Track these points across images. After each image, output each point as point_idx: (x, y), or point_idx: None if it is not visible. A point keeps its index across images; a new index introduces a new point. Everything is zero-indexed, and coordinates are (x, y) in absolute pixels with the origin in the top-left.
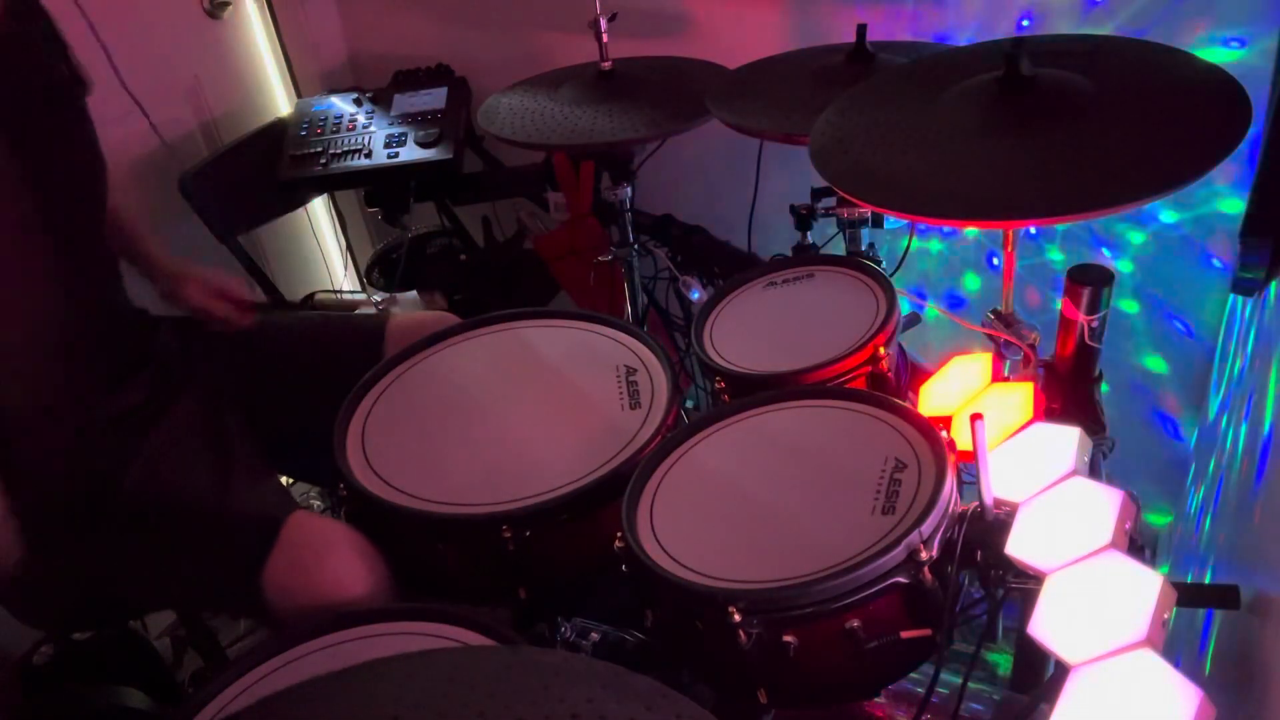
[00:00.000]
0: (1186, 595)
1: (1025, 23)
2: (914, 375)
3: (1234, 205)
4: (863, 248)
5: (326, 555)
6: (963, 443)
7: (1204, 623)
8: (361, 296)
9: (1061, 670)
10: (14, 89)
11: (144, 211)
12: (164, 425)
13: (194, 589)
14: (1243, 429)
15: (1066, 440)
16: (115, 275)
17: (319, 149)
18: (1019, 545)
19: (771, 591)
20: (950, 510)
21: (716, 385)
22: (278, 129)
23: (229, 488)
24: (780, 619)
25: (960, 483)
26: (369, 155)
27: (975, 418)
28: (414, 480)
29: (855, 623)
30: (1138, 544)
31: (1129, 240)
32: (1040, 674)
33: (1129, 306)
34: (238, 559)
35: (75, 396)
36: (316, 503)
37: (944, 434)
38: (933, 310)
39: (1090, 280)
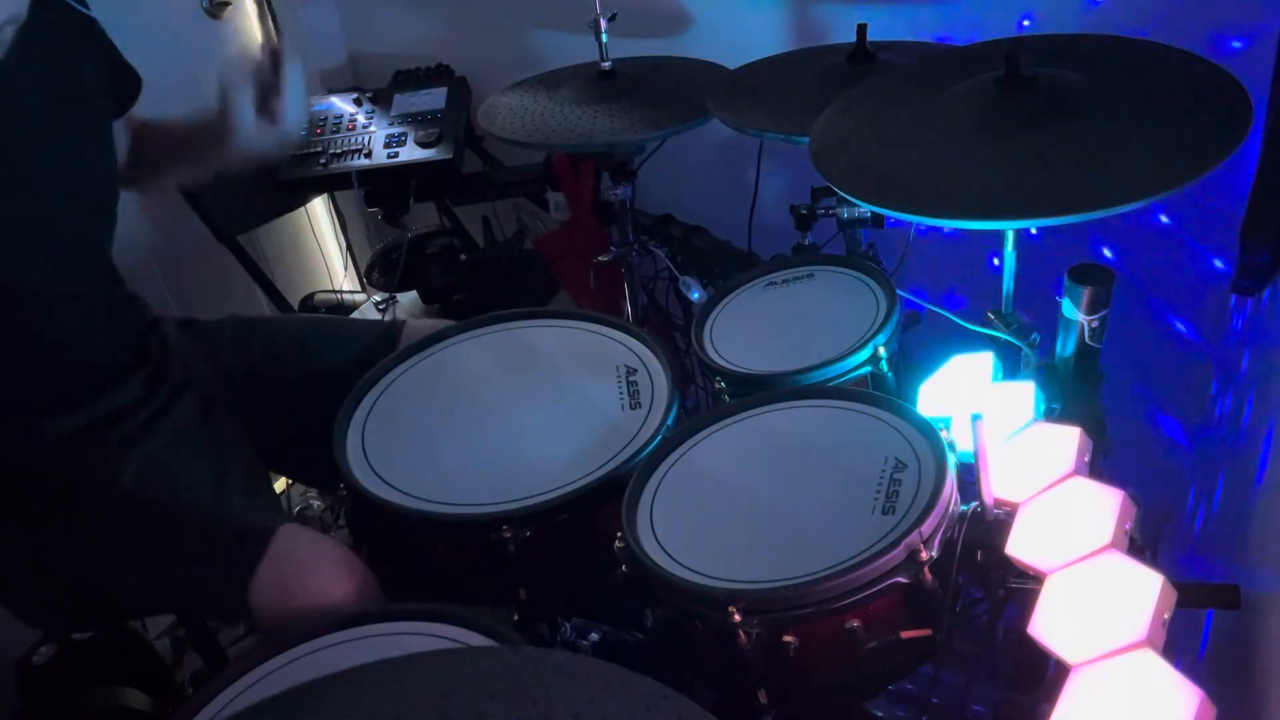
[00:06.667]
0: (1186, 595)
1: (1025, 23)
2: (914, 375)
3: (1234, 205)
4: (863, 248)
5: (312, 571)
6: (962, 443)
7: (1204, 623)
8: (361, 296)
9: (1061, 670)
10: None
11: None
12: (164, 426)
13: (183, 595)
14: (1243, 429)
15: (1066, 440)
16: (114, 275)
17: (319, 149)
18: (1019, 545)
19: (771, 591)
20: (950, 510)
21: (716, 385)
22: None
23: (223, 496)
24: (780, 619)
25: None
26: (369, 155)
27: (975, 418)
28: (414, 480)
29: (855, 623)
30: (1138, 544)
31: (1129, 240)
32: (1040, 674)
33: (1129, 307)
34: (227, 569)
35: (72, 389)
36: (316, 503)
37: (944, 434)
38: (932, 310)
39: (1090, 280)
